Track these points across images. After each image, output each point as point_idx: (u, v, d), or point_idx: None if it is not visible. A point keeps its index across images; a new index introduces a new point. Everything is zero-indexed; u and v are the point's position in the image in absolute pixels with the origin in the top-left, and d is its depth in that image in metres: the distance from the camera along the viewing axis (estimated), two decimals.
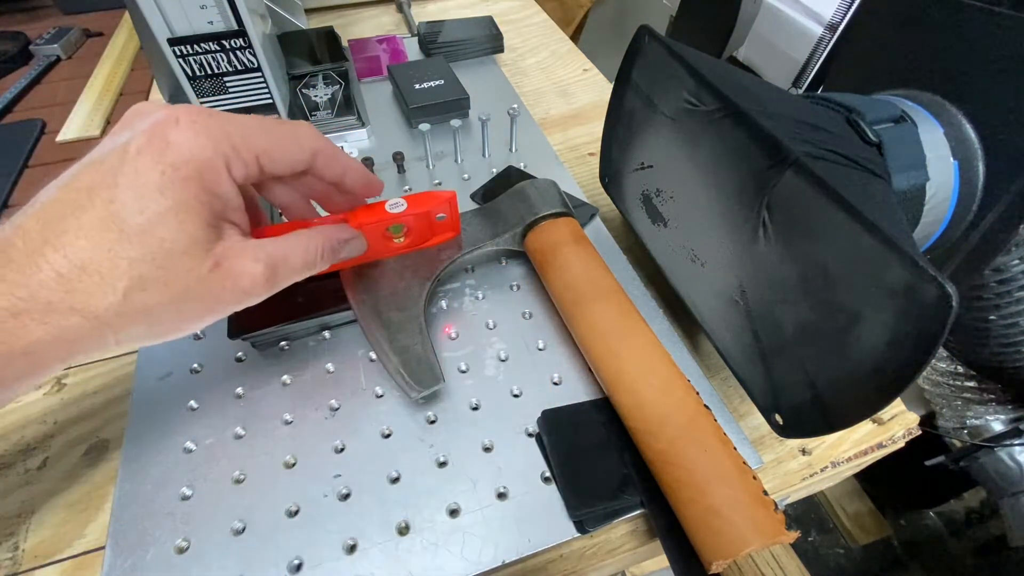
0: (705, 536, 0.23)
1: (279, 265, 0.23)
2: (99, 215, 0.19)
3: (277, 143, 0.23)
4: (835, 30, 0.58)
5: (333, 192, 0.28)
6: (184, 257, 0.20)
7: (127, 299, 0.19)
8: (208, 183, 0.20)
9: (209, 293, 0.21)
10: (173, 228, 0.19)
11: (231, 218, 0.22)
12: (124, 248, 0.19)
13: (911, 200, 0.28)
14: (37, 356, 0.19)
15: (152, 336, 0.22)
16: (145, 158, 0.19)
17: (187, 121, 0.20)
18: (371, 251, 0.31)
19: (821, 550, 1.01)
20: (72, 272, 0.18)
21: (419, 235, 0.32)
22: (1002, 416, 0.59)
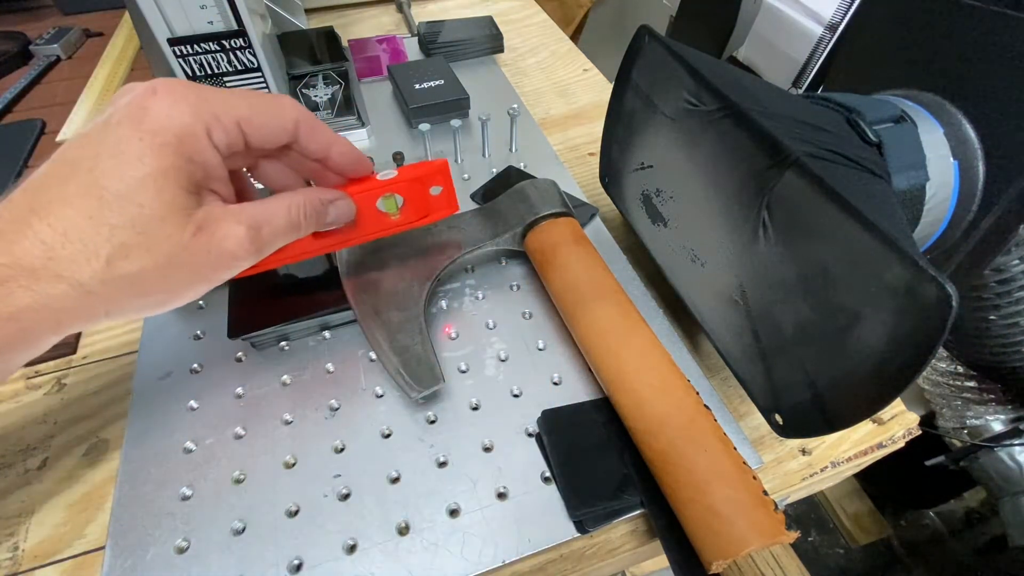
0: (705, 536, 0.23)
1: (263, 226, 0.23)
2: (81, 183, 0.19)
3: (258, 112, 0.23)
4: (835, 30, 0.58)
5: (322, 171, 0.28)
6: (163, 223, 0.20)
7: (110, 266, 0.19)
8: (187, 149, 0.21)
9: (194, 259, 0.21)
10: (151, 194, 0.20)
11: (213, 187, 0.22)
12: (105, 215, 0.19)
13: (911, 200, 0.28)
14: (25, 323, 0.19)
15: (144, 307, 0.22)
16: (124, 128, 0.20)
17: (165, 91, 0.21)
18: (366, 227, 0.30)
19: (821, 550, 1.01)
20: (55, 239, 0.19)
21: (415, 209, 0.31)
22: (1002, 416, 0.59)
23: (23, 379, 0.33)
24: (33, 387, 0.33)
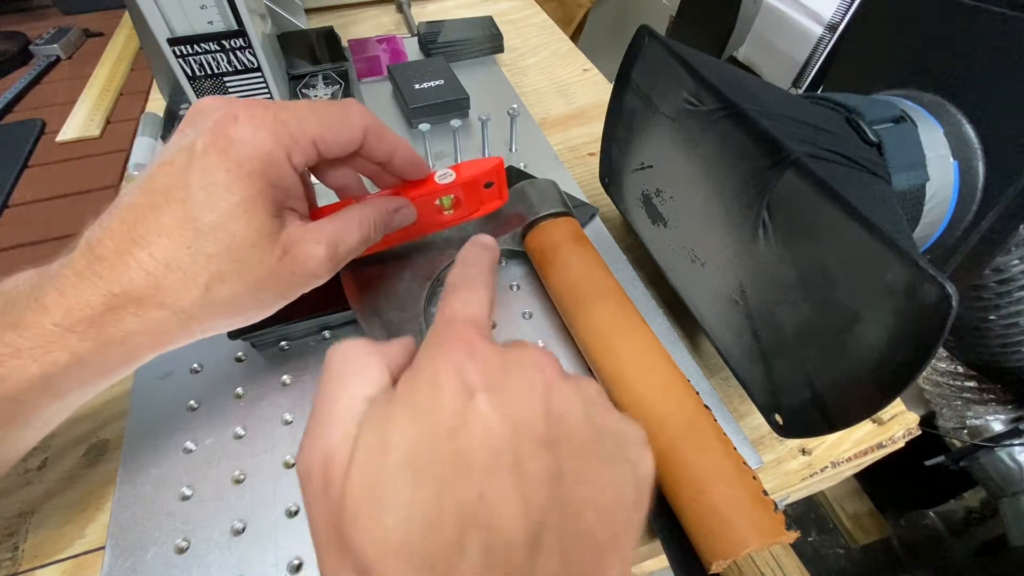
0: (705, 536, 0.23)
1: (339, 244, 0.24)
2: (176, 215, 0.20)
3: (330, 126, 0.24)
4: (835, 30, 0.59)
5: (381, 172, 0.29)
6: (254, 249, 0.21)
7: (208, 292, 0.21)
8: (272, 175, 0.21)
9: (280, 280, 0.23)
10: (242, 223, 0.21)
11: (292, 205, 0.23)
12: (202, 245, 0.20)
13: (911, 200, 0.28)
14: (131, 346, 0.21)
15: (232, 323, 0.23)
16: (211, 157, 0.20)
17: (246, 116, 0.21)
18: (421, 224, 0.32)
19: (821, 550, 1.01)
20: (158, 269, 0.20)
21: (468, 205, 0.33)
22: (1002, 416, 0.59)
23: None
24: None
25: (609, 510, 0.16)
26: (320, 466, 0.16)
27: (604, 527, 0.16)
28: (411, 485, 0.15)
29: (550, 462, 0.16)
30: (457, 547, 0.14)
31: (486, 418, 0.16)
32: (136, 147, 0.48)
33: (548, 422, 0.17)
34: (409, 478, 0.15)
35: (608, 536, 0.16)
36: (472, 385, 0.17)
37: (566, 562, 0.15)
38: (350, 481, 0.15)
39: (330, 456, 0.16)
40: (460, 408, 0.16)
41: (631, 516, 0.17)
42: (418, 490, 0.15)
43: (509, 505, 0.15)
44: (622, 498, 0.17)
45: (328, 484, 0.16)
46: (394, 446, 0.16)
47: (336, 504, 0.15)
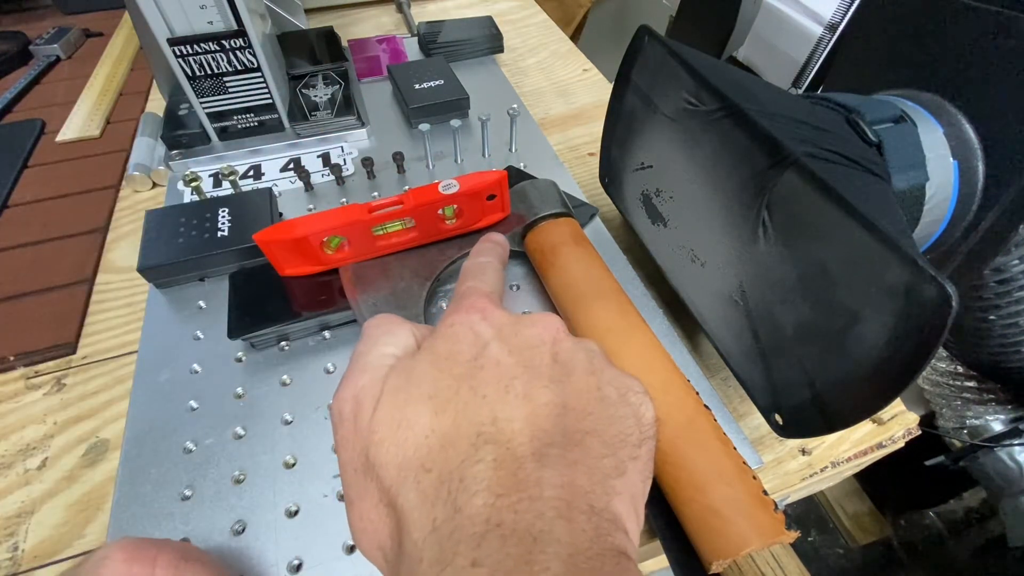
0: (705, 536, 0.23)
1: None
2: None
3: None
4: (835, 30, 0.59)
5: None
6: None
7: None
8: None
9: None
10: None
11: None
12: None
13: (911, 200, 0.28)
14: None
15: None
16: None
17: None
18: (424, 232, 0.33)
19: (821, 550, 1.01)
20: None
21: (470, 216, 0.33)
22: (1002, 416, 0.59)
23: (23, 379, 0.33)
24: (33, 387, 0.33)
25: (612, 443, 0.18)
26: (351, 406, 0.18)
27: (608, 457, 0.17)
28: (431, 413, 0.17)
29: (556, 396, 0.18)
30: (472, 458, 0.16)
31: (499, 358, 0.19)
32: (136, 147, 0.48)
33: (554, 366, 0.19)
34: (430, 407, 0.17)
35: (612, 465, 0.17)
36: (485, 335, 0.20)
37: (571, 477, 0.16)
38: (378, 413, 0.17)
39: (360, 396, 0.18)
40: (476, 353, 0.19)
41: (635, 452, 0.18)
42: (438, 417, 0.17)
43: (518, 426, 0.17)
44: (624, 435, 0.18)
45: (358, 419, 0.18)
46: (416, 384, 0.18)
47: (365, 434, 0.17)
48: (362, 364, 0.20)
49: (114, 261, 0.40)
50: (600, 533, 0.15)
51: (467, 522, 0.14)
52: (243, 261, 0.36)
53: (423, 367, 0.19)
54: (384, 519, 0.17)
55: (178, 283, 0.36)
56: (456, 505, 0.15)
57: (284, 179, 0.45)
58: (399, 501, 0.16)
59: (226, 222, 0.37)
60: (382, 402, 0.18)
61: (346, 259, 0.33)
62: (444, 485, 0.15)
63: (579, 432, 0.17)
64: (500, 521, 0.14)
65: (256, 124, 0.47)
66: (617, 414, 0.19)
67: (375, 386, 0.18)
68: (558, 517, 0.15)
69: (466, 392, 0.17)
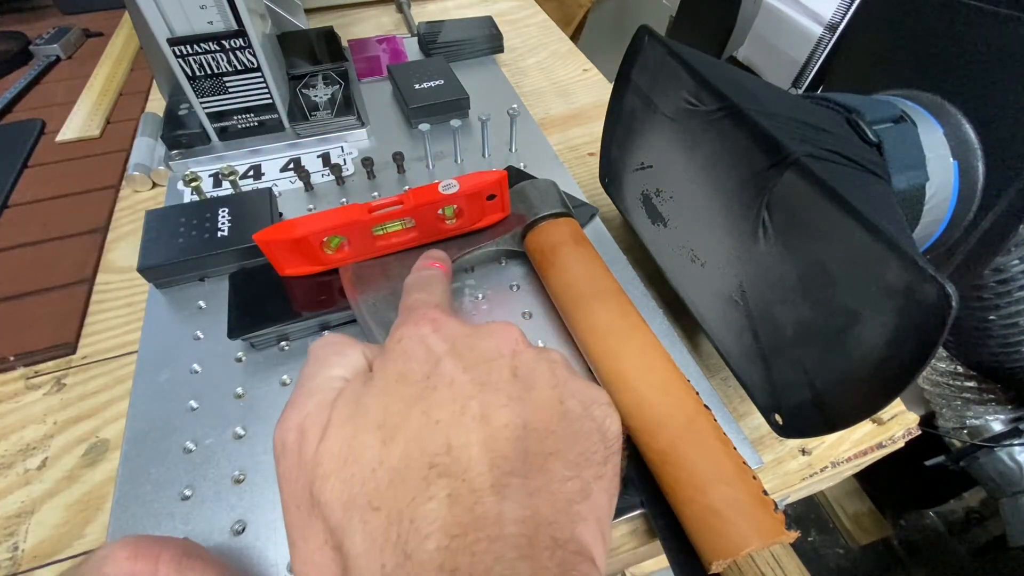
0: (705, 536, 0.23)
1: None
2: None
3: None
4: (835, 30, 0.59)
5: None
6: None
7: None
8: None
9: None
10: None
11: None
12: None
13: (911, 200, 0.28)
14: None
15: None
16: None
17: None
18: (424, 232, 0.33)
19: (821, 550, 1.01)
20: None
21: (470, 216, 0.33)
22: (1002, 416, 0.59)
23: (23, 379, 0.33)
24: (33, 387, 0.33)
25: (576, 463, 0.17)
26: (295, 436, 0.17)
27: (572, 480, 0.16)
28: (380, 443, 0.16)
29: (516, 416, 0.16)
30: (424, 495, 0.14)
31: (453, 376, 0.17)
32: (136, 147, 0.48)
33: (513, 382, 0.17)
34: (379, 438, 0.16)
35: (577, 489, 0.16)
36: (438, 351, 0.18)
37: (534, 509, 0.15)
38: (323, 444, 0.16)
39: (305, 426, 0.17)
40: (428, 372, 0.17)
41: (600, 471, 0.17)
42: (387, 447, 0.15)
43: (475, 453, 0.15)
44: (589, 453, 0.17)
45: (302, 450, 0.16)
46: (365, 412, 0.16)
47: (309, 468, 0.16)
48: (308, 388, 0.18)
49: (114, 261, 0.40)
50: (564, 570, 0.14)
51: (419, 570, 0.13)
52: (243, 261, 0.36)
53: (373, 392, 0.17)
54: (330, 564, 0.15)
55: (178, 283, 0.36)
56: (406, 551, 0.14)
57: (284, 179, 0.45)
58: (345, 544, 0.14)
59: (226, 222, 0.37)
60: (329, 432, 0.16)
61: (346, 259, 0.33)
62: (393, 527, 0.14)
63: (541, 455, 0.16)
64: (455, 567, 0.13)
65: (256, 124, 0.47)
66: (581, 430, 0.17)
67: (321, 413, 0.17)
68: (519, 558, 0.13)
69: (417, 417, 0.16)
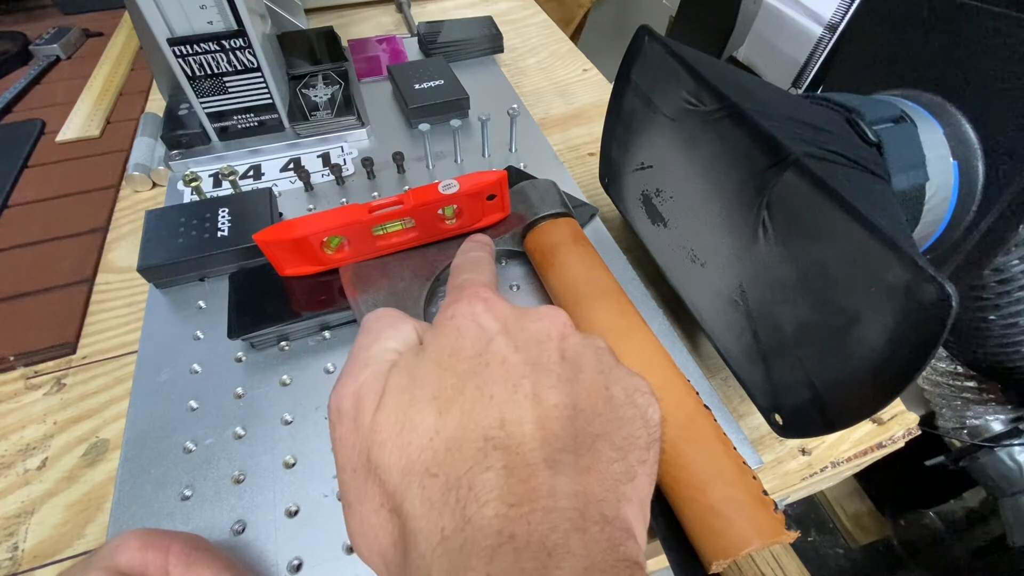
0: (705, 536, 0.23)
1: None
2: None
3: None
4: (835, 30, 0.58)
5: None
6: None
7: None
8: None
9: None
10: None
11: None
12: None
13: (911, 200, 0.28)
14: None
15: None
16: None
17: None
18: (424, 232, 0.33)
19: (821, 550, 1.01)
20: None
21: (470, 216, 0.33)
22: (1002, 416, 0.59)
23: (23, 379, 0.33)
24: (33, 387, 0.33)
25: (622, 447, 0.17)
26: (352, 402, 0.17)
27: (618, 462, 0.17)
28: (436, 414, 0.16)
29: (566, 397, 0.17)
30: (480, 464, 0.15)
31: (505, 355, 0.18)
32: (136, 147, 0.48)
33: (562, 364, 0.18)
34: (435, 408, 0.16)
35: (622, 470, 0.16)
36: (490, 329, 0.19)
37: (585, 485, 0.15)
38: (380, 413, 0.17)
39: (361, 393, 0.17)
40: (481, 349, 0.18)
41: (644, 456, 0.18)
42: (443, 418, 0.16)
43: (528, 429, 0.16)
44: (633, 437, 0.18)
45: (359, 417, 0.17)
46: (421, 384, 0.17)
47: (366, 434, 0.16)
48: (363, 359, 0.19)
49: (114, 261, 0.40)
50: (613, 544, 0.14)
51: (478, 534, 0.14)
52: (243, 261, 0.36)
53: (427, 364, 0.18)
54: (386, 525, 0.16)
55: (178, 283, 0.36)
56: (466, 515, 0.14)
57: (284, 179, 0.45)
58: (404, 507, 0.15)
59: (226, 222, 0.37)
60: (384, 401, 0.17)
61: (346, 259, 0.33)
62: (452, 492, 0.15)
63: (590, 436, 0.17)
64: (513, 533, 0.14)
65: (256, 124, 0.47)
66: (626, 416, 0.18)
67: (377, 383, 0.18)
68: (572, 529, 0.14)
69: (472, 392, 0.17)
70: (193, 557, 0.20)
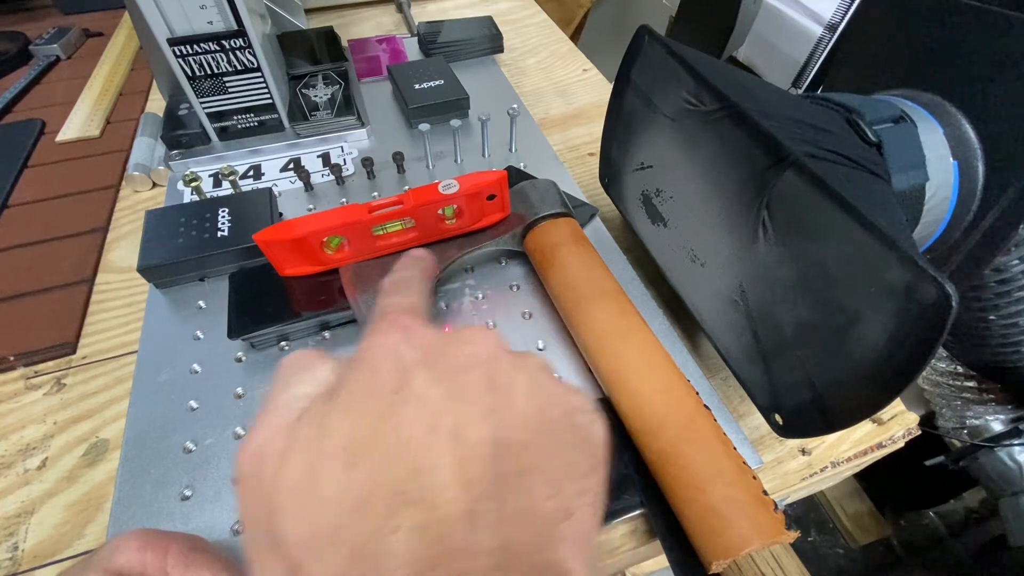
0: (705, 536, 0.23)
1: None
2: None
3: None
4: (835, 30, 0.58)
5: None
6: None
7: None
8: None
9: None
10: None
11: None
12: None
13: (911, 200, 0.28)
14: None
15: None
16: None
17: None
18: (424, 232, 0.33)
19: (821, 550, 1.01)
20: None
21: (470, 216, 0.34)
22: (1002, 416, 0.59)
23: (23, 379, 0.33)
24: (33, 387, 0.33)
25: (557, 480, 0.15)
26: (253, 463, 0.15)
27: (553, 498, 0.15)
28: (344, 468, 0.14)
29: (491, 431, 0.15)
30: (389, 526, 0.13)
31: (422, 392, 0.16)
32: (136, 147, 0.48)
33: (489, 394, 0.16)
34: (342, 462, 0.14)
35: (557, 507, 0.15)
36: (407, 363, 0.16)
37: (508, 536, 0.14)
38: (283, 473, 0.15)
39: (263, 452, 0.15)
40: (397, 386, 0.16)
41: (584, 485, 0.16)
42: (351, 472, 0.14)
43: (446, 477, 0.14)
44: (571, 465, 0.16)
45: (260, 480, 0.15)
46: (330, 433, 0.15)
47: (267, 499, 0.14)
48: (270, 411, 0.17)
49: (114, 261, 0.40)
50: None
51: None
52: (243, 261, 0.36)
53: (337, 410, 0.15)
54: None
55: (178, 283, 0.36)
56: None
57: (284, 179, 0.45)
58: None
59: (226, 222, 0.37)
60: (289, 459, 0.15)
61: (346, 259, 0.33)
62: (357, 562, 0.13)
63: (518, 473, 0.15)
64: None
65: (256, 124, 0.47)
66: (563, 441, 0.16)
67: (281, 437, 0.15)
68: None
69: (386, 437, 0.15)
70: (192, 558, 0.20)
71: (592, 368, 0.30)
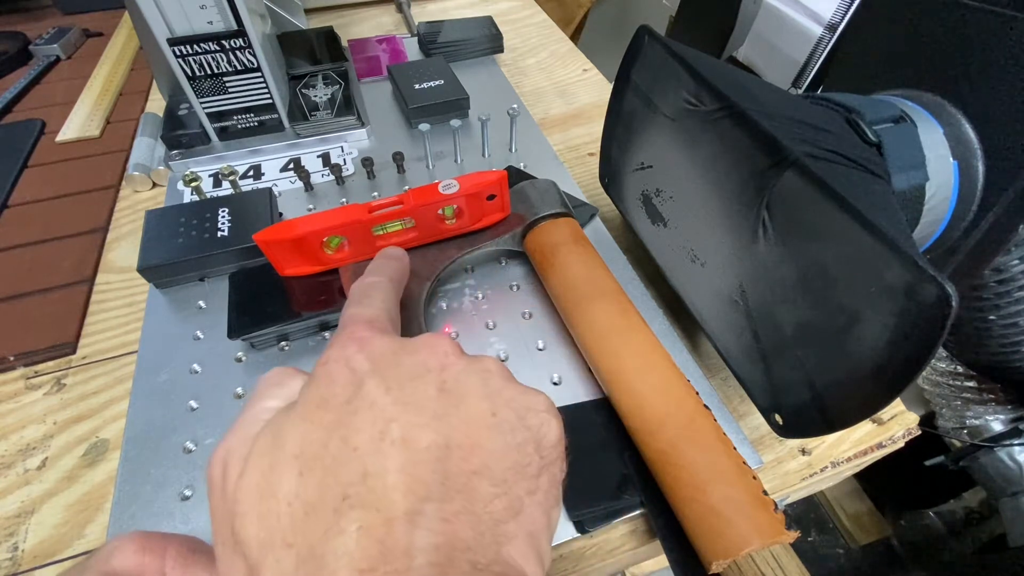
0: (705, 536, 0.23)
1: None
2: None
3: None
4: (835, 30, 0.58)
5: None
6: None
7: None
8: None
9: None
10: None
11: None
12: None
13: (911, 200, 0.28)
14: None
15: None
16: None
17: None
18: (423, 232, 0.33)
19: (821, 550, 1.01)
20: None
21: (470, 216, 0.34)
22: (1002, 416, 0.59)
23: (23, 379, 0.33)
24: (33, 387, 0.33)
25: (504, 480, 0.16)
26: (219, 470, 0.17)
27: (499, 497, 0.16)
28: (297, 475, 0.15)
29: (438, 435, 0.16)
30: (336, 528, 0.14)
31: (373, 399, 0.16)
32: (136, 147, 0.48)
33: (439, 398, 0.17)
34: (296, 468, 0.15)
35: (504, 506, 0.15)
36: (360, 372, 0.17)
37: (450, 535, 0.14)
38: (243, 479, 0.15)
39: (228, 459, 0.16)
40: (350, 396, 0.17)
41: (533, 485, 0.16)
42: (303, 479, 0.15)
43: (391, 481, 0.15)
44: (521, 465, 0.17)
45: (225, 485, 0.16)
46: (286, 442, 0.16)
47: (230, 504, 0.15)
48: (239, 422, 0.18)
49: (114, 261, 0.40)
50: None
51: None
52: (243, 261, 0.36)
53: (292, 420, 0.16)
54: None
55: (178, 283, 0.36)
56: None
57: (284, 179, 0.45)
58: None
59: (226, 222, 0.37)
60: (248, 466, 0.16)
61: (346, 259, 0.33)
62: (304, 564, 0.13)
63: (463, 475, 0.15)
64: None
65: (256, 124, 0.47)
66: (513, 442, 0.17)
67: (244, 446, 0.16)
68: None
69: (336, 445, 0.15)
70: (190, 560, 0.20)
71: (592, 368, 0.30)
